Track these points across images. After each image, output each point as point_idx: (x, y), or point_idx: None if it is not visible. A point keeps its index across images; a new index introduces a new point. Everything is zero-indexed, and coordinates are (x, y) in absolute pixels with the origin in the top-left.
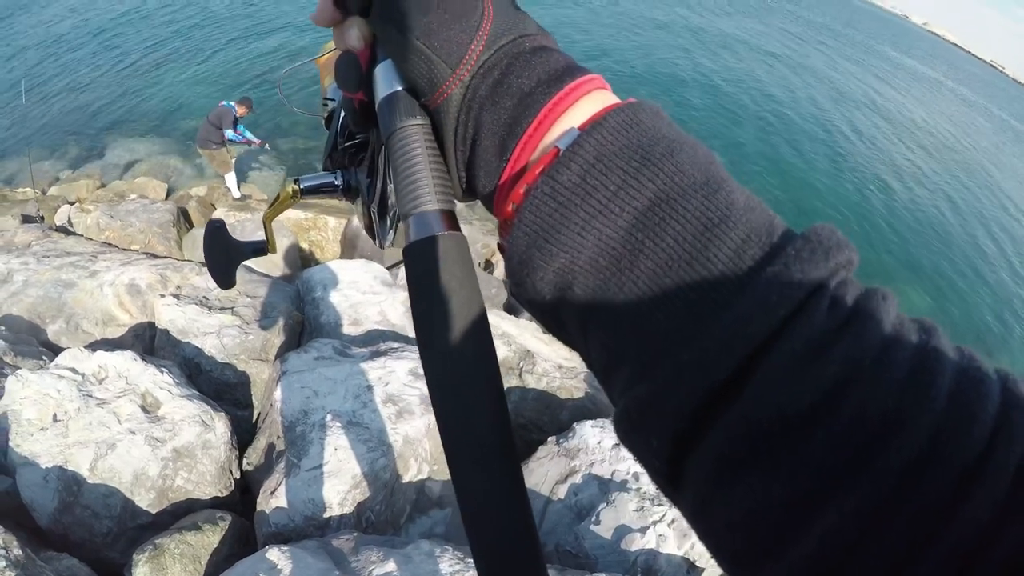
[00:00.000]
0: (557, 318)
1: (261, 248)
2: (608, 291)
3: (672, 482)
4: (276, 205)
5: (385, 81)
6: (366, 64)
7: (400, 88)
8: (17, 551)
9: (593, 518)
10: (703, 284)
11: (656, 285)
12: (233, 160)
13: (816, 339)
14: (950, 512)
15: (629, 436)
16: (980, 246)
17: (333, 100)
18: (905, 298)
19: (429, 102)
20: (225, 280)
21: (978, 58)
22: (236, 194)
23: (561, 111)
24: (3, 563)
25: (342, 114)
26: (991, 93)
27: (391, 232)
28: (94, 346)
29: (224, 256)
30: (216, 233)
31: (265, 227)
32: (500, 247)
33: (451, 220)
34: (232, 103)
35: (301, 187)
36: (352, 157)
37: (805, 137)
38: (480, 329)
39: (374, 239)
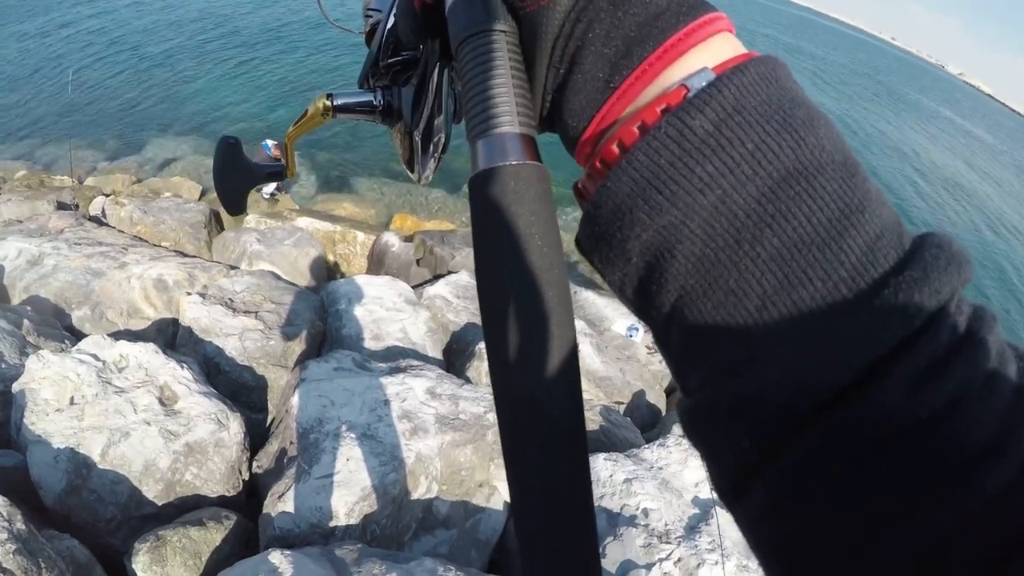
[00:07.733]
0: (637, 284)
1: (279, 171)
2: (719, 265)
3: (738, 485)
4: (303, 122)
5: None
6: None
7: None
8: (20, 525)
9: (599, 551)
10: (834, 277)
11: (779, 268)
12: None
13: (939, 356)
14: None
15: (709, 429)
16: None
17: (378, 11)
18: None
19: (526, 3)
20: (235, 204)
21: (1012, 110)
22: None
23: (691, 44)
24: (5, 534)
25: (388, 25)
26: None
27: (432, 165)
28: (117, 335)
29: (237, 177)
30: (230, 150)
31: (286, 148)
32: (579, 190)
33: (532, 148)
34: (269, 144)
35: (334, 103)
36: (396, 76)
37: None
38: (560, 283)
39: (411, 171)
